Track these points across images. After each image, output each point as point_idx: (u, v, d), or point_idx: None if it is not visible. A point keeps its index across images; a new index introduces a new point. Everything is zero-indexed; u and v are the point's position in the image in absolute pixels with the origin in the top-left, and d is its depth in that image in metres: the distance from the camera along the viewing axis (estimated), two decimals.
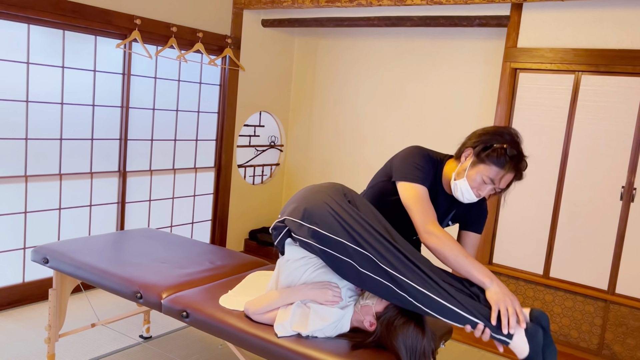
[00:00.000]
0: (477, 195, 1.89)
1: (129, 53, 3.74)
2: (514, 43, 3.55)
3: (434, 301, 1.69)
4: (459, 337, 3.51)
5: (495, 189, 1.88)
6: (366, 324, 1.80)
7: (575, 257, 3.43)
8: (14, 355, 2.77)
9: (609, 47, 3.24)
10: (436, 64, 4.35)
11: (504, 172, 1.85)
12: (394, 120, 4.58)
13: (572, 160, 3.41)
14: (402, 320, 1.72)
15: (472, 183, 1.89)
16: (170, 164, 4.21)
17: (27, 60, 3.25)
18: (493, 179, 1.86)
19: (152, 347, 3.00)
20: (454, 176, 1.94)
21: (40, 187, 3.43)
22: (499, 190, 1.89)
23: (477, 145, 1.92)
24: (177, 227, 4.36)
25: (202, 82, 4.34)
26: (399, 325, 1.71)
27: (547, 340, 1.72)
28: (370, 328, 1.79)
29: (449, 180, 2.00)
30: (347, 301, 1.88)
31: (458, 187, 1.92)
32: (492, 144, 1.88)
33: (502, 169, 1.84)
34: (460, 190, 1.92)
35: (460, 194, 1.93)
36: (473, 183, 1.89)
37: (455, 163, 1.99)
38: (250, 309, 1.92)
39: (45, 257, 2.45)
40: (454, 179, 1.94)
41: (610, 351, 3.34)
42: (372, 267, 1.72)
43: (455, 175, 1.94)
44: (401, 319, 1.72)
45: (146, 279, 2.21)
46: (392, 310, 1.75)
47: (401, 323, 1.71)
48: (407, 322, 1.71)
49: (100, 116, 3.68)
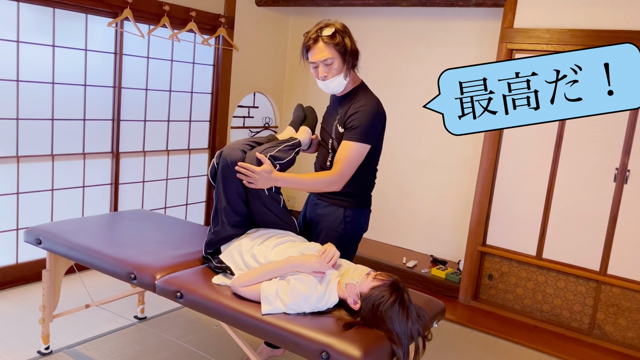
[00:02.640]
0: (320, 79, 2.15)
1: (121, 32, 3.68)
2: (511, 23, 3.52)
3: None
4: (452, 318, 3.55)
5: (321, 63, 2.11)
6: (350, 302, 1.83)
7: (568, 239, 3.45)
8: (9, 336, 2.78)
9: (606, 28, 3.22)
10: (432, 44, 4.32)
11: (309, 49, 2.11)
12: (388, 101, 4.55)
13: (566, 142, 3.41)
14: (386, 305, 1.72)
15: (314, 75, 2.17)
16: (163, 145, 4.18)
17: (17, 39, 3.20)
18: (312, 61, 2.13)
19: (146, 328, 3.02)
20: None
21: (33, 167, 3.41)
22: (325, 62, 2.10)
23: (302, 55, 2.20)
24: (171, 208, 4.35)
25: (195, 62, 4.29)
26: (383, 310, 1.72)
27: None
28: (354, 306, 1.81)
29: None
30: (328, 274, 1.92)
31: (320, 86, 2.20)
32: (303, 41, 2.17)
33: (308, 50, 2.12)
34: (321, 87, 2.21)
35: (322, 89, 2.21)
36: (314, 75, 2.17)
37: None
38: (236, 281, 1.95)
39: (38, 238, 2.43)
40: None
41: (602, 331, 3.38)
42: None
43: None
44: (385, 303, 1.73)
45: (140, 260, 2.20)
46: (376, 293, 1.76)
47: (386, 307, 1.72)
48: (391, 305, 1.72)
49: (92, 96, 3.64)
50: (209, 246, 2.21)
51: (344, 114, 2.18)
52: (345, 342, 1.65)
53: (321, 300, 1.85)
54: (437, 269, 4.02)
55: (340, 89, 2.19)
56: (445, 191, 4.34)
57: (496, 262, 3.74)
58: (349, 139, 2.14)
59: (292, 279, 1.87)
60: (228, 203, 2.12)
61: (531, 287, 3.61)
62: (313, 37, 2.09)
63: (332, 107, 2.32)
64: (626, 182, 3.23)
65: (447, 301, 3.82)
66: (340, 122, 2.20)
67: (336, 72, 2.12)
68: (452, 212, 4.32)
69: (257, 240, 2.11)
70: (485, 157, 3.68)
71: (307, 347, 1.70)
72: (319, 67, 2.11)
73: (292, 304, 1.82)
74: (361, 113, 2.13)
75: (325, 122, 2.35)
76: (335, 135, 2.23)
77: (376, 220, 4.78)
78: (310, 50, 2.11)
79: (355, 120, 2.13)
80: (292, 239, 2.14)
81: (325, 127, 2.33)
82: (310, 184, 2.16)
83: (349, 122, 2.15)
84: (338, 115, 2.23)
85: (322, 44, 2.08)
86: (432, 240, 4.45)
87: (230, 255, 2.11)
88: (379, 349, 1.69)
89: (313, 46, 2.09)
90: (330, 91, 2.20)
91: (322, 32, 2.08)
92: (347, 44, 2.11)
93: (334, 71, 2.11)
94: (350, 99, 2.21)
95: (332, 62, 2.10)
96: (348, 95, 2.23)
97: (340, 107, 2.24)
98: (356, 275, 1.87)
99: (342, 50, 2.10)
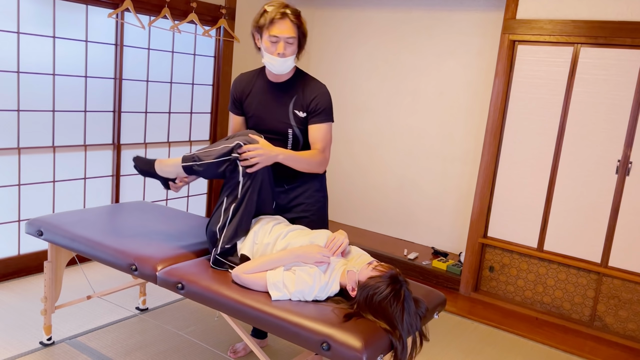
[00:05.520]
0: (278, 55, 2.13)
1: (121, 23, 3.67)
2: (513, 14, 3.50)
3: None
4: (453, 309, 3.55)
5: (283, 40, 2.11)
6: (349, 289, 1.84)
7: (570, 231, 3.45)
8: (11, 327, 2.79)
9: (609, 19, 3.20)
10: (433, 35, 4.30)
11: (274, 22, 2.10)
12: (389, 93, 4.54)
13: (568, 134, 3.40)
14: (380, 296, 1.72)
15: (269, 50, 2.14)
16: (164, 136, 4.17)
17: (18, 30, 3.19)
18: (274, 34, 2.11)
19: (148, 319, 3.03)
20: (263, 58, 2.19)
21: (34, 159, 3.41)
22: (287, 40, 2.12)
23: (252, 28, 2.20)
24: (172, 200, 4.35)
25: (196, 53, 4.27)
26: (377, 301, 1.72)
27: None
28: (352, 293, 1.83)
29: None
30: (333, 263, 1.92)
31: (267, 63, 2.18)
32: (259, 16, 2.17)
33: (271, 23, 2.10)
34: (269, 65, 2.18)
35: (271, 66, 2.18)
36: (269, 49, 2.14)
37: (259, 54, 2.24)
38: (239, 270, 1.96)
39: (40, 230, 2.44)
40: (263, 60, 2.20)
41: (602, 323, 3.39)
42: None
43: (263, 58, 2.19)
44: (380, 294, 1.72)
45: (141, 251, 2.20)
46: (372, 283, 1.75)
47: (379, 298, 1.72)
48: (385, 297, 1.71)
49: (93, 88, 3.63)
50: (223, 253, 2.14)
51: (301, 99, 2.22)
52: (346, 333, 1.66)
53: (323, 290, 1.87)
54: (438, 260, 4.02)
55: (287, 71, 2.21)
56: (447, 183, 4.34)
57: (497, 254, 3.74)
58: (320, 121, 2.21)
59: (297, 270, 1.88)
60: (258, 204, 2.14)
61: (532, 279, 3.61)
62: (281, 12, 2.10)
63: (271, 97, 2.27)
64: (628, 174, 3.23)
65: (448, 293, 3.82)
66: (299, 108, 2.23)
67: (291, 53, 2.16)
68: (453, 204, 4.32)
69: (267, 227, 2.11)
70: (486, 149, 3.67)
71: (308, 338, 1.70)
72: (279, 42, 2.12)
73: (297, 292, 1.85)
74: (322, 95, 2.22)
75: (270, 115, 2.28)
76: (295, 122, 2.24)
77: (377, 212, 4.79)
78: (275, 25, 2.10)
79: (320, 103, 2.20)
80: (300, 227, 2.16)
81: (272, 119, 2.28)
82: (305, 163, 2.18)
83: (312, 106, 2.21)
84: (291, 101, 2.24)
85: (290, 22, 2.11)
86: (433, 232, 4.45)
87: (247, 248, 2.10)
88: (379, 340, 1.69)
89: (279, 21, 2.10)
90: (279, 70, 2.19)
91: (291, 11, 2.12)
92: (305, 30, 2.18)
93: (291, 51, 2.15)
94: (297, 84, 2.25)
95: (293, 42, 2.14)
96: (291, 81, 2.26)
97: (284, 93, 2.25)
98: (358, 263, 1.88)
99: (301, 34, 2.17)
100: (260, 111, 2.30)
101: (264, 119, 2.30)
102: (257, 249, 2.07)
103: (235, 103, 2.37)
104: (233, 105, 2.39)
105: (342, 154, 4.91)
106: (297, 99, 2.24)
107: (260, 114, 2.31)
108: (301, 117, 2.23)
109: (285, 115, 2.25)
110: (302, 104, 2.23)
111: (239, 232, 2.11)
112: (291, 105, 2.24)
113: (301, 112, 2.23)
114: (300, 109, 2.23)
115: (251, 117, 2.34)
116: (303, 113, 2.23)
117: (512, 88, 3.57)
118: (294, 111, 2.24)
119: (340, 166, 4.93)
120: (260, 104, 2.30)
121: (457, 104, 4.23)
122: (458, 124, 4.22)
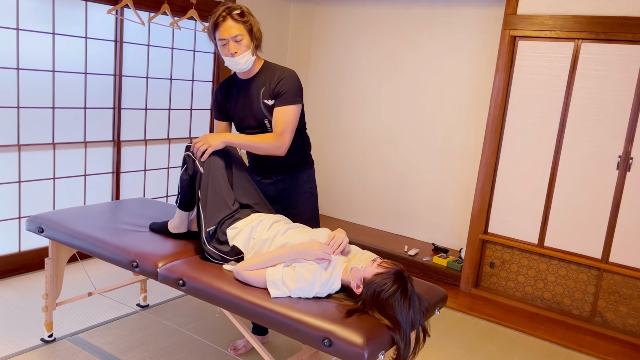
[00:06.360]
0: (231, 55, 2.22)
1: (121, 19, 3.66)
2: (514, 10, 3.49)
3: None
4: (453, 305, 3.56)
5: (231, 40, 2.20)
6: (353, 286, 1.84)
7: (570, 226, 3.45)
8: (12, 324, 2.79)
9: (610, 14, 3.19)
10: (434, 31, 4.29)
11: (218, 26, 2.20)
12: (390, 89, 4.53)
13: (569, 129, 3.39)
14: (388, 293, 1.72)
15: (223, 52, 2.24)
16: (165, 133, 4.17)
17: (17, 27, 3.18)
18: (222, 37, 2.20)
19: (149, 315, 3.03)
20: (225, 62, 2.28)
21: (34, 156, 3.40)
22: (235, 38, 2.19)
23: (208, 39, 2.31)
24: (173, 197, 4.35)
25: (196, 50, 4.26)
26: (384, 298, 1.73)
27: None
28: (356, 290, 1.82)
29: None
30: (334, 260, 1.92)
31: (228, 66, 2.28)
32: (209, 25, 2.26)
33: (215, 28, 2.21)
34: (229, 66, 2.28)
35: (231, 67, 2.28)
36: (223, 52, 2.24)
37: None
38: (239, 266, 1.96)
39: (41, 227, 2.44)
40: (225, 64, 2.30)
41: (603, 318, 3.39)
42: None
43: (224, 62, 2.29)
44: (387, 291, 1.73)
45: (142, 247, 2.21)
46: (378, 280, 1.76)
47: (387, 295, 1.72)
48: (393, 294, 1.72)
49: (93, 84, 3.63)
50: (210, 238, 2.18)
51: (268, 88, 2.28)
52: (348, 329, 1.66)
53: (324, 286, 1.86)
54: (438, 257, 4.03)
55: (249, 66, 2.28)
56: (447, 179, 4.34)
57: (498, 250, 3.74)
58: (282, 104, 2.26)
59: (297, 266, 1.88)
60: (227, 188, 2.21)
61: (532, 274, 3.62)
62: (223, 14, 2.18)
63: (244, 94, 2.36)
64: (629, 169, 3.22)
65: (449, 289, 3.83)
66: (267, 97, 2.29)
67: (245, 49, 2.22)
68: (454, 200, 4.32)
69: (266, 223, 2.12)
70: (487, 145, 3.67)
71: (310, 334, 1.70)
72: (228, 43, 2.20)
73: (297, 290, 1.84)
74: (286, 79, 2.27)
75: (247, 111, 2.36)
76: (267, 111, 2.31)
77: (378, 209, 4.79)
78: (220, 28, 2.19)
79: (284, 86, 2.25)
80: (300, 225, 2.16)
81: (249, 115, 2.35)
82: (257, 145, 2.22)
83: (277, 90, 2.26)
84: (260, 93, 2.30)
85: (232, 21, 2.18)
86: (434, 228, 4.45)
87: (241, 241, 2.11)
88: (381, 336, 1.69)
89: (222, 23, 2.18)
90: (239, 68, 2.26)
91: (231, 11, 2.19)
92: (253, 23, 2.24)
93: (243, 47, 2.22)
94: (265, 76, 2.32)
95: (242, 39, 2.20)
96: (259, 74, 2.33)
97: (254, 86, 2.32)
98: (362, 260, 1.88)
99: (249, 28, 2.23)
100: (239, 109, 2.39)
101: (243, 116, 2.38)
102: (254, 243, 2.07)
103: (219, 110, 2.46)
104: (217, 112, 2.46)
105: (341, 150, 4.90)
106: (265, 89, 2.30)
107: (240, 112, 2.39)
108: (270, 105, 2.30)
109: (258, 107, 2.32)
110: (269, 93, 2.29)
111: (215, 212, 2.14)
112: (261, 96, 2.31)
113: (269, 100, 2.29)
114: (268, 97, 2.30)
115: (234, 118, 2.44)
116: (271, 100, 2.29)
117: (513, 84, 3.56)
118: (264, 101, 2.31)
119: (340, 162, 4.93)
120: (237, 103, 2.39)
121: (457, 100, 4.22)
122: (458, 120, 4.21)
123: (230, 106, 2.40)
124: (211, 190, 2.14)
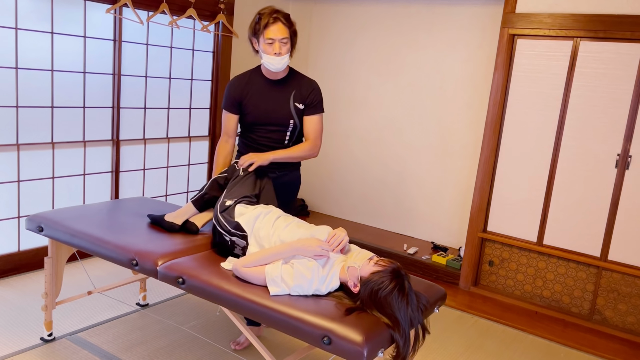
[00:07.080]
0: (275, 55, 2.38)
1: (120, 18, 3.66)
2: (512, 8, 3.49)
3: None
4: (452, 304, 3.56)
5: (278, 41, 2.37)
6: (350, 285, 1.84)
7: (569, 225, 3.45)
8: (11, 323, 2.79)
9: (608, 13, 3.19)
10: (432, 30, 4.29)
11: (268, 26, 2.36)
12: (388, 88, 4.54)
13: (568, 128, 3.40)
14: (385, 291, 1.73)
15: (267, 51, 2.40)
16: (164, 132, 4.17)
17: (16, 26, 3.18)
18: (269, 37, 2.36)
19: (149, 314, 3.03)
20: (262, 59, 2.44)
21: (33, 155, 3.40)
22: (282, 40, 2.37)
23: (249, 33, 2.47)
24: (172, 196, 4.35)
25: (195, 49, 4.26)
26: (382, 296, 1.73)
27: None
28: (354, 289, 1.83)
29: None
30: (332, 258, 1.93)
31: (266, 63, 2.42)
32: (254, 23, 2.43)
33: (266, 27, 2.36)
34: (267, 64, 2.42)
35: (270, 65, 2.42)
36: (267, 50, 2.39)
37: (258, 56, 2.49)
38: (238, 263, 1.97)
39: (40, 226, 2.44)
40: (262, 61, 2.46)
41: (602, 316, 3.40)
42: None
43: (262, 59, 2.45)
44: (385, 289, 1.73)
45: (142, 246, 2.21)
46: (375, 278, 1.76)
47: (384, 293, 1.73)
48: (390, 292, 1.72)
49: (91, 84, 3.63)
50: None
51: (298, 93, 2.51)
52: (347, 327, 1.66)
53: (322, 283, 1.87)
54: (437, 255, 4.03)
55: (284, 67, 2.46)
56: (446, 178, 4.34)
57: (497, 249, 3.75)
58: (314, 113, 2.52)
59: (296, 263, 1.88)
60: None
61: (531, 273, 3.62)
62: (275, 16, 2.37)
63: (272, 94, 2.51)
64: (628, 168, 3.23)
65: (448, 287, 3.83)
66: (299, 101, 2.51)
67: (286, 52, 2.42)
68: (453, 198, 4.32)
69: (271, 217, 2.14)
70: (486, 143, 3.67)
71: (309, 332, 1.70)
72: (275, 43, 2.37)
73: (296, 287, 1.85)
74: (317, 90, 2.54)
75: (272, 107, 2.51)
76: (296, 113, 2.51)
77: (376, 207, 4.79)
78: (269, 28, 2.36)
79: (315, 97, 2.52)
80: (301, 220, 2.17)
81: (276, 113, 2.50)
82: (297, 155, 2.51)
83: (310, 99, 2.51)
84: (291, 96, 2.50)
85: (282, 24, 2.37)
86: (433, 226, 4.46)
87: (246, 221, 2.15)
88: (380, 335, 1.69)
89: (273, 24, 2.36)
90: (277, 68, 2.42)
91: (283, 15, 2.39)
92: (295, 28, 2.45)
93: (285, 50, 2.41)
94: (293, 79, 2.53)
95: (287, 42, 2.40)
96: (288, 77, 2.53)
97: (284, 88, 2.51)
98: (359, 259, 1.88)
99: (294, 33, 2.44)
100: (262, 107, 2.52)
101: (266, 113, 2.51)
102: (257, 231, 2.09)
103: (233, 103, 2.56)
104: (231, 105, 2.56)
105: (340, 148, 4.91)
106: (296, 93, 2.51)
107: (263, 109, 2.52)
108: (300, 108, 2.52)
109: (287, 108, 2.51)
110: (301, 97, 2.52)
111: (238, 190, 2.31)
112: (292, 99, 2.51)
113: (300, 105, 2.52)
114: (300, 101, 2.52)
115: (250, 113, 2.53)
116: (302, 105, 2.52)
117: (512, 82, 3.57)
118: (295, 104, 2.51)
119: (339, 161, 4.93)
120: (262, 100, 2.52)
121: (456, 98, 4.23)
122: (457, 118, 4.22)
123: (249, 102, 2.52)
124: (242, 181, 2.34)
